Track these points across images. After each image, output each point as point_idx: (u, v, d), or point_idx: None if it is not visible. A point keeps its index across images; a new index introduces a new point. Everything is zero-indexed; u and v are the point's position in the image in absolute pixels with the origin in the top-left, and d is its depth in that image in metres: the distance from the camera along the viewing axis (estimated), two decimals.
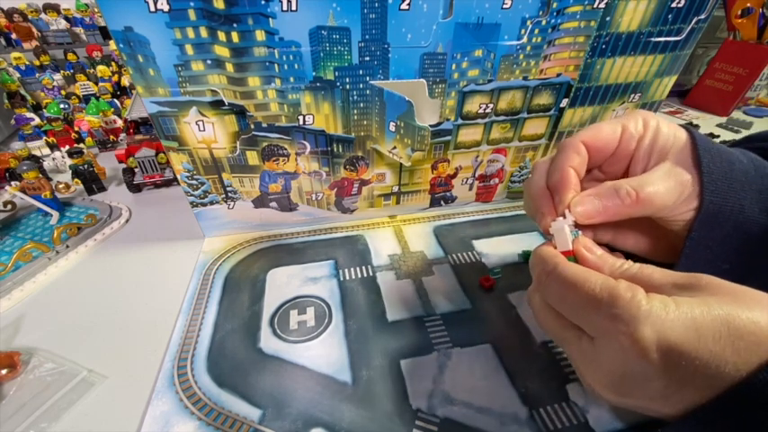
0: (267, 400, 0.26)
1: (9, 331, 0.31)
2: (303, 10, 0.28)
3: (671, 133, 0.23)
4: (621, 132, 0.24)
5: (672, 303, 0.16)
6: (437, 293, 0.34)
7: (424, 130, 0.36)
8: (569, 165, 0.24)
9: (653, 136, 0.23)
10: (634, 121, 0.24)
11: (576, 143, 0.24)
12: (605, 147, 0.24)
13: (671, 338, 0.15)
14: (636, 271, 0.19)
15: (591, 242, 0.22)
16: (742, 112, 0.75)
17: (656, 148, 0.23)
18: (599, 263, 0.21)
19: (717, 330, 0.15)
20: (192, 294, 0.34)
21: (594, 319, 0.18)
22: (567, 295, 0.20)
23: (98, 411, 0.25)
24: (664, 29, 0.35)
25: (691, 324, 0.15)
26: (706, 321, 0.15)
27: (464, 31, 0.31)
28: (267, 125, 0.33)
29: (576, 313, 0.20)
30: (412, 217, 0.44)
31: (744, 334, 0.14)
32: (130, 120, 0.57)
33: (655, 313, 0.16)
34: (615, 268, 0.20)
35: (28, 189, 0.42)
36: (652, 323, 0.16)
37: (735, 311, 0.15)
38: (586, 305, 0.18)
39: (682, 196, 0.22)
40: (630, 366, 0.17)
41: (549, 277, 0.21)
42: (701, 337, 0.15)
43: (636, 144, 0.24)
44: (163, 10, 0.26)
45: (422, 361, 0.28)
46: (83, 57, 0.78)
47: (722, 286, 0.17)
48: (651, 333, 0.15)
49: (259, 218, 0.41)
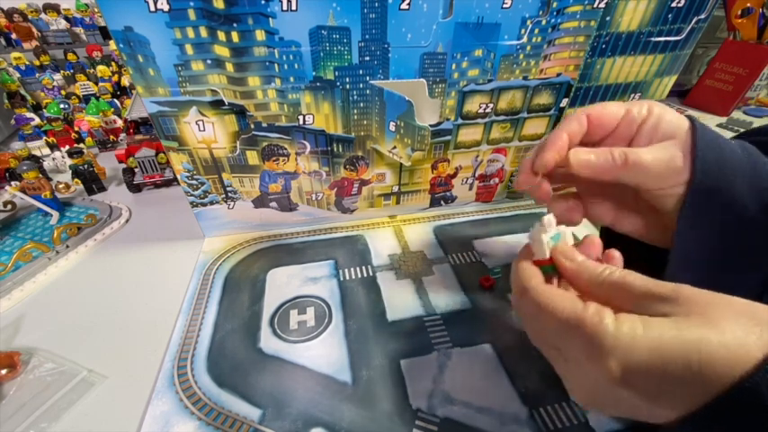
0: (267, 400, 0.26)
1: (9, 331, 0.31)
2: (303, 10, 0.28)
3: (674, 121, 0.24)
4: (624, 114, 0.25)
5: (640, 327, 0.16)
6: (437, 293, 0.34)
7: (424, 129, 0.36)
8: (565, 130, 0.26)
9: (655, 122, 0.24)
10: (638, 107, 0.25)
11: (580, 115, 0.26)
12: (606, 123, 0.26)
13: (634, 366, 0.15)
14: (617, 278, 0.19)
15: (570, 249, 0.22)
16: (742, 112, 0.75)
17: (658, 134, 0.24)
18: (578, 270, 0.21)
19: (686, 357, 0.15)
20: (192, 294, 0.34)
21: (564, 345, 0.19)
22: (539, 319, 0.20)
23: (98, 411, 0.25)
24: (664, 29, 0.35)
25: (657, 351, 0.15)
26: (674, 349, 0.15)
27: (464, 31, 0.31)
28: (267, 125, 0.33)
29: (548, 337, 0.20)
30: (412, 217, 0.44)
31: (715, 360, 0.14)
32: (130, 120, 0.57)
33: (622, 340, 0.16)
34: (595, 275, 0.20)
35: (28, 189, 0.42)
36: (617, 353, 0.16)
37: (706, 336, 0.15)
38: (556, 331, 0.19)
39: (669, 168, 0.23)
40: (603, 388, 0.17)
41: (522, 299, 0.21)
42: (668, 364, 0.15)
43: (637, 128, 0.25)
44: (163, 10, 0.26)
45: (422, 361, 0.28)
46: (83, 57, 0.78)
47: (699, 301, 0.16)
48: (616, 363, 0.16)
49: (259, 218, 0.41)
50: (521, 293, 0.21)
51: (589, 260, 0.21)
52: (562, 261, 0.21)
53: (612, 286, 0.19)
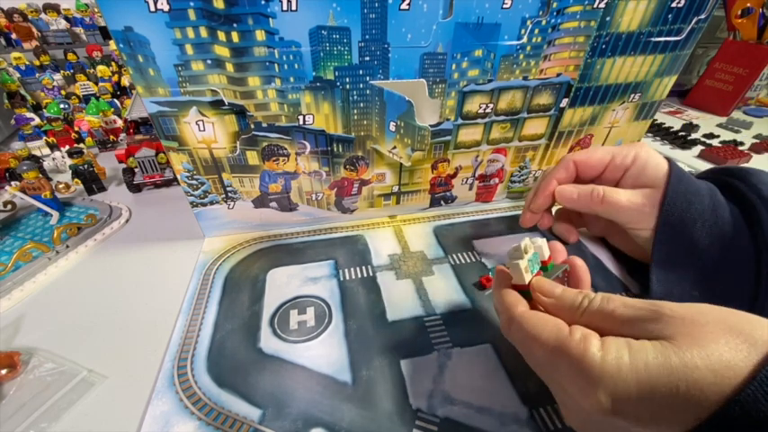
0: (267, 400, 0.26)
1: (9, 331, 0.31)
2: (303, 10, 0.28)
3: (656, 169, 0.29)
4: (610, 160, 0.30)
5: (626, 354, 0.16)
6: (437, 293, 0.34)
7: (424, 129, 0.36)
8: (555, 177, 0.32)
9: (640, 169, 0.29)
10: (623, 155, 0.30)
11: (568, 161, 0.32)
12: (592, 169, 0.31)
13: (623, 397, 0.15)
14: (598, 306, 0.19)
15: (548, 283, 0.22)
16: (742, 112, 0.75)
17: (641, 180, 0.29)
18: (558, 303, 0.21)
19: (674, 385, 0.14)
20: (192, 294, 0.34)
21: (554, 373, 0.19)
22: (529, 347, 0.20)
23: (98, 411, 0.25)
24: (664, 29, 0.35)
25: (645, 380, 0.15)
26: (661, 378, 0.15)
27: (464, 31, 0.31)
28: (267, 125, 0.33)
29: (538, 366, 0.20)
30: (412, 217, 0.44)
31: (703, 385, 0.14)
32: (130, 120, 0.57)
33: (607, 372, 0.16)
34: (576, 306, 0.20)
35: (28, 189, 0.42)
36: (605, 385, 0.16)
37: (693, 361, 0.14)
38: (545, 359, 0.19)
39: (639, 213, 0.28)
40: (595, 418, 0.17)
41: (512, 328, 0.21)
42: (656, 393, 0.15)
43: (622, 174, 0.30)
44: (163, 10, 0.26)
45: (422, 361, 0.28)
46: (83, 57, 0.78)
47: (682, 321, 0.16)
48: (605, 395, 0.16)
49: (259, 218, 0.41)
50: (509, 322, 0.21)
51: (567, 291, 0.21)
52: (542, 299, 0.22)
53: (594, 315, 0.19)
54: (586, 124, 0.41)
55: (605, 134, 0.43)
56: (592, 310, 0.19)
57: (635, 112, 0.42)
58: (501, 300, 0.23)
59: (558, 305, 0.21)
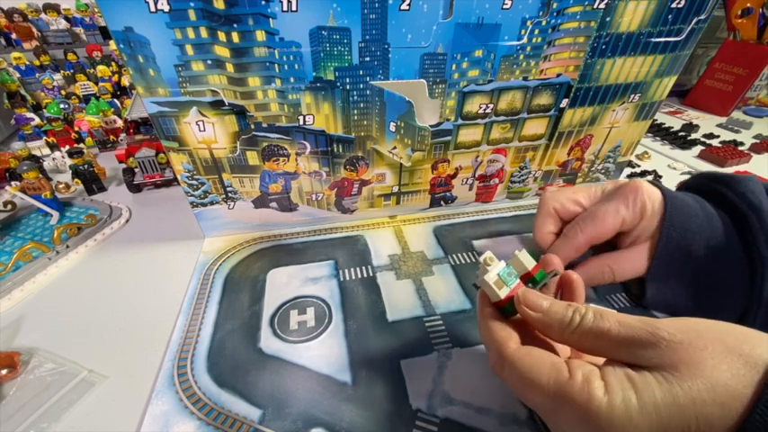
0: (267, 400, 0.26)
1: (9, 331, 0.31)
2: (303, 10, 0.28)
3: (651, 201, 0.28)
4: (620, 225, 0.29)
5: (632, 397, 0.15)
6: (437, 293, 0.34)
7: (425, 130, 0.36)
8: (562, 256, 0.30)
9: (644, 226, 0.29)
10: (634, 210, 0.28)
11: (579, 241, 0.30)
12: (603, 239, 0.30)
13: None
14: (591, 325, 0.17)
15: (534, 295, 0.20)
16: (742, 112, 0.75)
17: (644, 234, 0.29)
18: (546, 321, 0.19)
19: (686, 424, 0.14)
20: (192, 294, 0.34)
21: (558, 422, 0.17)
22: (524, 393, 0.19)
23: (98, 411, 0.25)
24: (664, 29, 0.35)
25: (657, 425, 0.14)
26: (673, 418, 0.14)
27: (464, 32, 0.31)
28: (267, 125, 0.33)
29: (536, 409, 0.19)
30: (412, 217, 0.44)
31: (713, 420, 0.14)
32: (130, 120, 0.57)
33: (618, 418, 0.15)
34: (566, 324, 0.18)
35: (28, 189, 0.42)
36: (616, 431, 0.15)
37: (701, 395, 0.14)
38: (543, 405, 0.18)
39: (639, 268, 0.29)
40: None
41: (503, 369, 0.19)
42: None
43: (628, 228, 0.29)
44: (163, 10, 0.26)
45: (422, 361, 0.28)
46: (83, 57, 0.78)
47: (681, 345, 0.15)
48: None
49: (259, 218, 0.41)
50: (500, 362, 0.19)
51: (556, 304, 0.19)
52: (528, 313, 0.19)
53: (587, 335, 0.18)
54: (586, 124, 0.41)
55: (605, 134, 0.43)
56: (584, 328, 0.18)
57: (635, 112, 0.42)
58: (490, 335, 0.20)
59: (545, 321, 0.19)
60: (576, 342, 0.18)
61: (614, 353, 0.17)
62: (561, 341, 0.19)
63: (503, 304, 0.21)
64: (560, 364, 0.17)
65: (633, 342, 0.16)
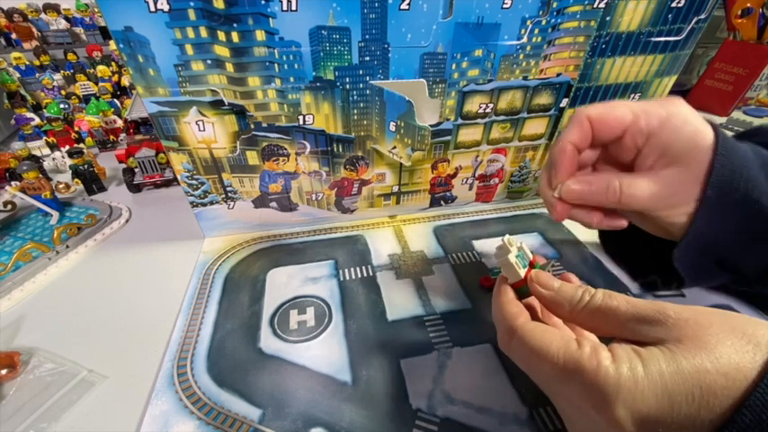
0: (267, 400, 0.26)
1: (9, 331, 0.31)
2: (303, 10, 0.28)
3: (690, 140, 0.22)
4: (631, 122, 0.23)
5: (639, 366, 0.15)
6: (437, 293, 0.34)
7: (425, 129, 0.36)
8: (569, 139, 0.24)
9: (668, 138, 0.22)
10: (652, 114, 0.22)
11: (582, 117, 0.24)
12: (609, 130, 0.24)
13: (644, 411, 0.15)
14: (599, 303, 0.18)
15: (546, 276, 0.21)
16: (742, 112, 0.75)
17: (670, 152, 0.22)
18: (557, 299, 0.20)
19: (690, 393, 0.14)
20: (191, 294, 0.34)
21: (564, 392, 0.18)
22: (532, 364, 0.19)
23: (98, 411, 0.25)
24: (664, 29, 0.35)
25: (662, 392, 0.15)
26: (678, 386, 0.14)
27: (464, 31, 0.31)
28: (267, 125, 0.33)
29: (544, 383, 0.19)
30: (412, 217, 0.44)
31: (716, 390, 0.14)
32: (130, 120, 0.57)
33: (624, 385, 0.15)
34: (575, 302, 0.19)
35: (28, 189, 0.42)
36: (623, 399, 0.15)
37: (704, 365, 0.14)
38: (552, 376, 0.18)
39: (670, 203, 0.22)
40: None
41: (513, 341, 0.20)
42: (674, 403, 0.14)
43: (645, 140, 0.23)
44: (163, 10, 0.26)
45: (422, 361, 0.28)
46: (83, 57, 0.78)
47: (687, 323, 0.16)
48: (624, 410, 0.15)
49: (259, 218, 0.41)
50: (509, 335, 0.20)
51: (566, 284, 0.20)
52: (540, 290, 0.20)
53: (596, 312, 0.18)
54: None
55: None
56: (593, 306, 0.18)
57: None
58: (501, 309, 0.21)
59: (556, 299, 0.20)
60: (585, 319, 0.19)
61: (621, 330, 0.17)
62: (570, 319, 0.20)
63: (519, 285, 0.22)
64: (569, 337, 0.18)
65: (640, 319, 0.17)
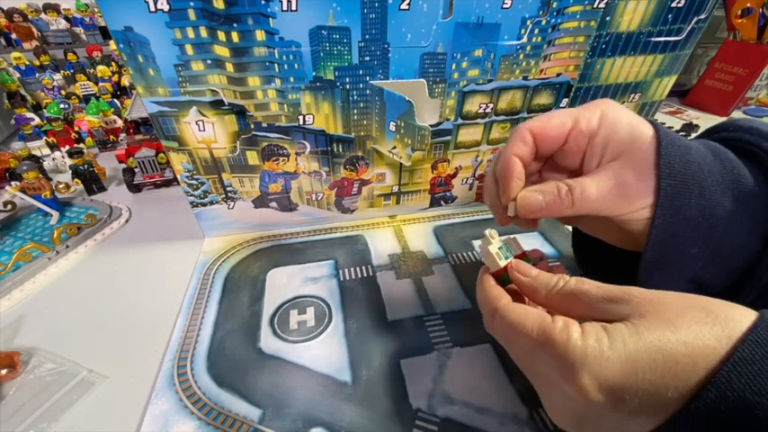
0: (267, 400, 0.26)
1: (9, 331, 0.31)
2: (303, 10, 0.28)
3: (630, 130, 0.22)
4: (571, 127, 0.23)
5: (605, 337, 0.16)
6: (437, 293, 0.34)
7: (425, 129, 0.36)
8: (513, 153, 0.24)
9: (608, 133, 0.22)
10: (588, 116, 0.23)
11: (523, 132, 0.24)
12: (552, 140, 0.24)
13: (610, 378, 0.15)
14: (572, 287, 0.19)
15: (525, 265, 0.22)
16: (742, 112, 0.75)
17: (611, 147, 0.22)
18: (534, 285, 0.21)
19: (652, 360, 0.15)
20: (191, 294, 0.34)
21: (538, 365, 0.19)
22: (511, 340, 0.20)
23: (98, 411, 0.25)
24: (664, 29, 0.35)
25: (626, 359, 0.15)
26: (640, 353, 0.15)
27: (464, 31, 0.31)
28: (267, 125, 0.33)
29: (522, 359, 0.20)
30: (412, 217, 0.44)
31: (678, 357, 0.15)
32: (130, 120, 0.57)
33: (591, 355, 0.16)
34: (551, 288, 0.20)
35: (28, 189, 0.42)
36: (589, 368, 0.16)
37: (665, 335, 0.15)
38: (528, 350, 0.19)
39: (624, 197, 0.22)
40: (580, 408, 0.17)
41: (494, 320, 0.21)
42: (638, 370, 0.15)
43: (587, 140, 0.23)
44: (163, 10, 0.26)
45: (422, 361, 0.28)
46: (83, 57, 0.78)
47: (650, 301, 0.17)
48: (590, 378, 0.16)
49: (259, 218, 0.41)
50: (491, 315, 0.21)
51: (543, 272, 0.21)
52: (519, 277, 0.22)
53: (569, 295, 0.19)
54: None
55: None
56: (566, 290, 0.19)
57: (635, 111, 0.42)
58: (485, 293, 0.22)
59: (533, 285, 0.21)
60: (559, 303, 0.20)
61: (591, 311, 0.18)
62: (546, 303, 0.21)
63: (500, 274, 0.23)
64: (544, 314, 0.19)
65: (608, 299, 0.18)
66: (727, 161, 0.22)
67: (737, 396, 0.13)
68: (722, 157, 0.22)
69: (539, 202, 0.23)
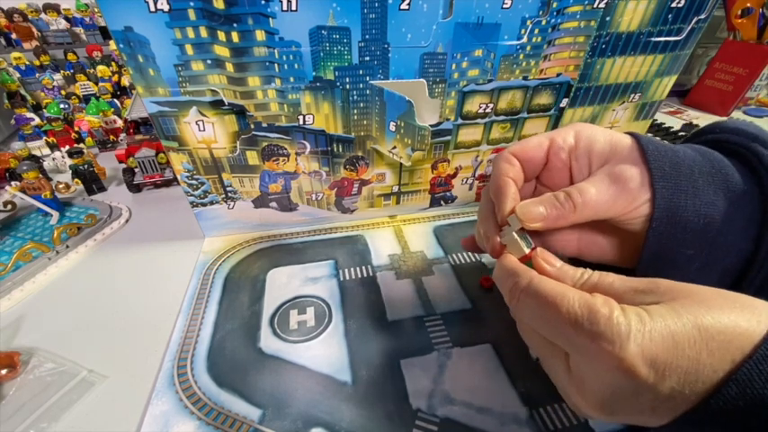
0: (267, 400, 0.26)
1: (9, 331, 0.31)
2: (303, 10, 0.28)
3: (608, 141, 0.23)
4: (549, 146, 0.25)
5: (646, 314, 0.16)
6: (437, 293, 0.34)
7: (425, 129, 0.36)
8: (505, 175, 0.24)
9: (587, 146, 0.24)
10: (564, 134, 0.24)
11: (507, 155, 0.25)
12: (533, 159, 0.25)
13: (653, 351, 0.15)
14: (597, 280, 0.19)
15: (550, 255, 0.22)
16: (742, 112, 0.75)
17: (594, 157, 0.24)
18: (560, 275, 0.21)
19: (690, 336, 0.15)
20: (192, 294, 0.34)
21: (575, 339, 0.18)
22: (545, 314, 0.19)
23: (98, 411, 0.25)
24: (664, 29, 0.35)
25: (668, 334, 0.15)
26: (679, 328, 0.15)
27: (464, 31, 0.31)
28: (267, 125, 0.33)
29: (554, 332, 0.19)
30: (412, 217, 0.44)
31: (714, 334, 0.15)
32: (130, 120, 0.57)
33: (635, 328, 0.16)
34: (576, 279, 0.20)
35: (28, 189, 0.42)
36: (634, 339, 0.16)
37: (699, 314, 0.15)
38: (566, 323, 0.18)
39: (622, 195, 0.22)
40: (619, 384, 0.16)
41: (524, 293, 0.20)
42: (678, 344, 0.15)
43: (568, 155, 0.24)
44: (163, 10, 0.26)
45: (422, 361, 0.28)
46: (83, 57, 0.78)
47: (679, 289, 0.17)
48: (636, 349, 0.16)
49: (259, 218, 0.41)
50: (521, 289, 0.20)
51: (567, 265, 0.21)
52: (544, 266, 0.21)
53: (594, 287, 0.19)
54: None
55: None
56: (591, 282, 0.19)
57: (635, 111, 0.42)
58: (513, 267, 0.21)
59: (559, 275, 0.21)
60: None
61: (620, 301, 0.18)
62: None
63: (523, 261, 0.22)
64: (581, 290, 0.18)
65: (635, 290, 0.18)
66: (716, 161, 0.23)
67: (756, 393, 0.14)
68: (710, 157, 0.23)
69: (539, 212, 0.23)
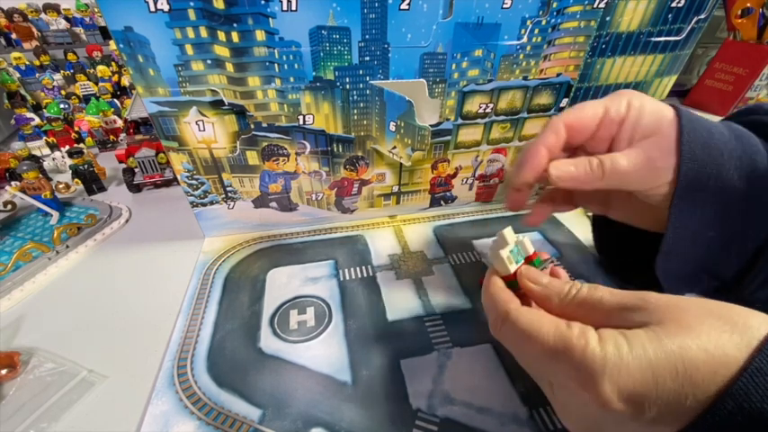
0: (267, 400, 0.26)
1: (9, 331, 0.31)
2: (303, 10, 0.28)
3: (655, 114, 0.24)
4: (603, 114, 0.25)
5: (624, 344, 0.16)
6: (437, 293, 0.34)
7: (425, 129, 0.36)
8: (543, 144, 0.26)
9: (636, 118, 0.24)
10: (617, 104, 0.25)
11: (557, 124, 0.26)
12: (585, 128, 0.25)
13: (630, 386, 0.15)
14: (585, 295, 0.19)
15: (535, 271, 0.22)
16: None
17: (639, 130, 0.24)
18: (546, 293, 0.21)
19: (673, 368, 0.15)
20: (191, 294, 0.34)
21: (553, 372, 0.18)
22: (523, 346, 0.19)
23: (98, 411, 0.25)
24: (664, 29, 0.35)
25: (647, 367, 0.15)
26: (661, 360, 0.15)
27: (464, 31, 0.31)
28: (267, 125, 0.33)
29: (533, 365, 0.20)
30: (412, 217, 0.44)
31: (699, 365, 0.14)
32: (130, 120, 0.57)
33: (610, 361, 0.15)
34: (564, 295, 0.20)
35: (28, 189, 0.42)
36: (609, 374, 0.15)
37: (685, 342, 0.15)
38: (542, 357, 0.18)
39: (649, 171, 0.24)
40: (600, 415, 0.16)
41: (504, 325, 0.20)
42: (659, 377, 0.15)
43: (618, 127, 0.25)
44: (163, 10, 0.26)
45: (422, 361, 0.28)
46: (83, 57, 0.78)
47: (668, 308, 0.16)
48: (611, 386, 0.15)
49: (259, 218, 0.41)
50: (501, 319, 0.20)
51: (554, 280, 0.21)
52: (530, 285, 0.21)
53: (582, 304, 0.19)
54: None
55: None
56: (579, 298, 0.19)
57: None
58: (493, 296, 0.22)
59: (545, 293, 0.20)
60: (572, 312, 0.19)
61: (607, 319, 0.18)
62: (559, 312, 0.20)
63: (509, 279, 0.22)
64: (558, 320, 0.18)
65: (624, 307, 0.18)
66: (748, 146, 0.23)
67: (754, 407, 0.13)
68: (744, 141, 0.23)
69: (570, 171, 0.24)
